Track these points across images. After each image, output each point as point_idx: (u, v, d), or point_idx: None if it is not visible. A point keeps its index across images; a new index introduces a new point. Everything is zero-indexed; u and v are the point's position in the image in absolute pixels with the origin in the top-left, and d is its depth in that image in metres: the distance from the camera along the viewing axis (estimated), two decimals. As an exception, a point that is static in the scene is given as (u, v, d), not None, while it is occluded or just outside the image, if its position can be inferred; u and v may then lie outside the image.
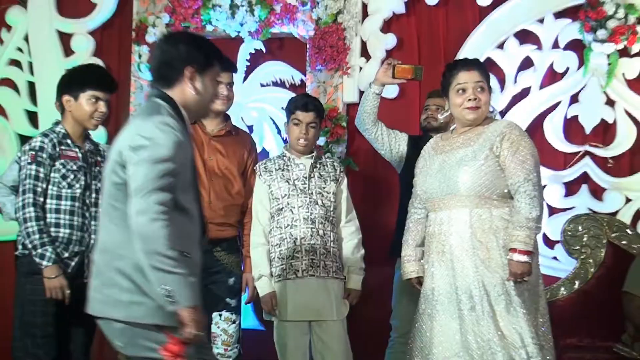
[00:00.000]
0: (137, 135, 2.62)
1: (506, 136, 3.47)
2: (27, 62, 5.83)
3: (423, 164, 3.71)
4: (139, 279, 2.61)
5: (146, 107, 2.81)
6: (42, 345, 3.73)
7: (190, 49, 2.82)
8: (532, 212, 3.38)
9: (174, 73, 2.81)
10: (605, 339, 4.65)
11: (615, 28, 5.07)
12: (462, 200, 3.46)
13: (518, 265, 3.35)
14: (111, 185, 2.70)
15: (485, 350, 3.33)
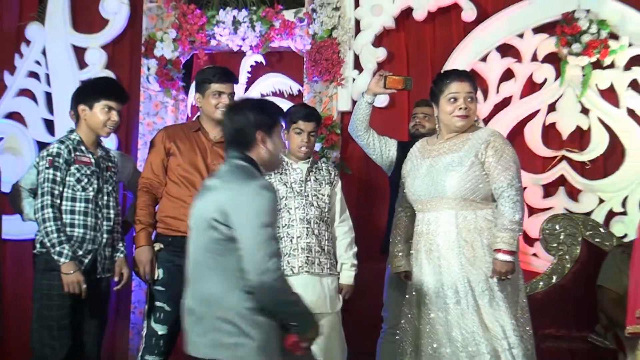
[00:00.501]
0: (241, 200, 2.78)
1: (490, 144, 3.48)
2: (45, 74, 5.83)
3: (410, 166, 3.71)
4: (243, 324, 2.75)
5: (237, 170, 2.91)
6: (57, 337, 3.74)
7: (257, 115, 2.95)
8: (515, 216, 3.40)
9: (248, 138, 2.94)
10: (581, 330, 4.68)
11: (588, 42, 5.08)
12: (449, 203, 3.48)
13: (502, 265, 3.37)
14: (210, 241, 2.81)
15: (469, 342, 3.34)
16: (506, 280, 3.43)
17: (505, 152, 3.49)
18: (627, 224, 5.06)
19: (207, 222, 2.81)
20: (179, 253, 3.92)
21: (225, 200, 2.80)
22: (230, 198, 2.80)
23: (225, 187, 2.85)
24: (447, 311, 3.42)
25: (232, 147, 2.98)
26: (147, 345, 3.99)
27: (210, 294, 2.81)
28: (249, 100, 3.17)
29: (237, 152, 2.95)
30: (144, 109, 5.65)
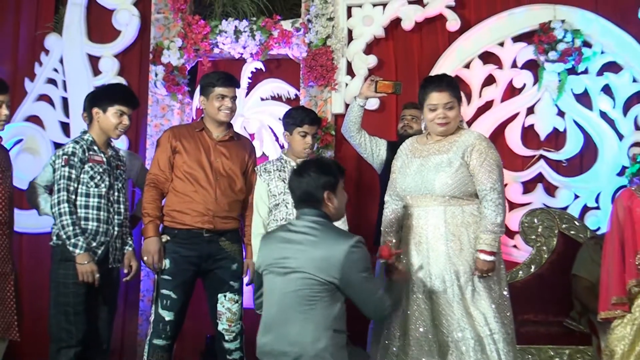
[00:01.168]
0: (351, 257, 2.94)
1: (476, 147, 3.45)
2: (62, 80, 5.82)
3: (401, 163, 3.67)
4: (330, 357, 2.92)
5: (325, 227, 3.05)
6: (74, 322, 3.74)
7: (322, 176, 3.08)
8: (497, 218, 3.39)
9: (317, 198, 3.07)
10: (557, 315, 4.68)
11: (564, 50, 5.08)
12: (438, 199, 3.45)
13: (484, 264, 3.36)
14: (303, 298, 2.94)
15: (455, 328, 3.32)
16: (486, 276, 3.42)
17: (489, 155, 3.46)
18: (600, 217, 5.07)
19: (306, 275, 2.94)
20: (185, 244, 3.98)
21: (333, 256, 2.94)
22: (334, 255, 2.94)
23: (325, 244, 2.97)
24: (434, 299, 3.39)
25: (304, 205, 3.10)
26: (154, 330, 3.97)
27: (302, 336, 2.92)
28: (313, 162, 3.24)
29: (312, 209, 3.08)
30: (151, 112, 5.64)
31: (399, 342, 3.43)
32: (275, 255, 3.06)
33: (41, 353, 5.41)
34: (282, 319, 2.97)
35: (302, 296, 2.93)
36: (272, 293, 3.05)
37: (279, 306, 3.00)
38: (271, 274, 3.06)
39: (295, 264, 2.96)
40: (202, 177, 3.99)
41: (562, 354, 4.46)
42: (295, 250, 3.00)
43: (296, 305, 2.94)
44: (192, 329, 4.85)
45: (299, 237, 3.03)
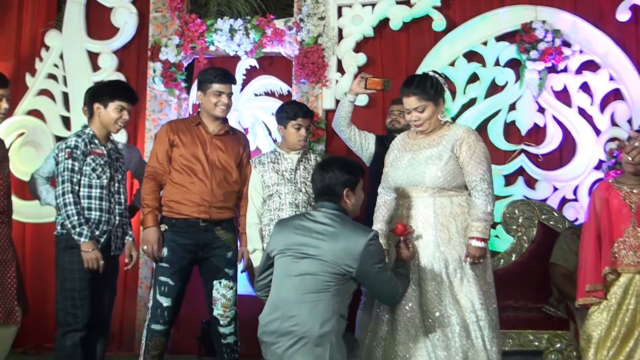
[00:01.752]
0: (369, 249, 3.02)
1: (465, 140, 3.43)
2: (62, 75, 5.80)
3: (393, 157, 3.64)
4: (335, 341, 2.97)
5: (341, 221, 3.10)
6: (80, 306, 3.73)
7: (344, 174, 3.15)
8: (487, 207, 3.39)
9: (337, 193, 3.14)
10: (536, 301, 4.69)
11: (544, 49, 5.10)
12: (427, 191, 3.43)
13: (476, 250, 3.35)
14: (319, 282, 3.00)
15: (442, 314, 3.32)
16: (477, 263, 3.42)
17: (478, 148, 3.43)
18: (578, 209, 5.10)
19: (324, 262, 3.00)
20: (182, 233, 3.97)
21: (353, 248, 3.00)
22: (353, 247, 3.01)
23: (344, 236, 3.03)
24: (422, 286, 3.39)
25: (324, 199, 3.16)
26: (153, 315, 3.96)
27: (311, 318, 2.96)
28: (337, 160, 3.28)
29: (331, 203, 3.14)
30: (149, 107, 5.64)
31: (386, 326, 3.43)
32: (290, 241, 3.10)
33: (45, 338, 5.44)
34: (294, 299, 3.00)
35: (319, 281, 2.99)
36: (284, 276, 3.08)
37: (292, 288, 3.03)
38: (285, 258, 3.09)
39: (315, 251, 3.02)
40: (198, 169, 3.99)
41: (541, 338, 4.47)
42: (314, 239, 3.05)
43: (311, 288, 2.99)
44: (188, 314, 4.85)
45: (318, 227, 3.08)
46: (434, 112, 3.48)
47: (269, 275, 3.19)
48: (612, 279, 3.76)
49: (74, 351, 3.72)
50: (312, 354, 2.94)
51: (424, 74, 3.56)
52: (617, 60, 5.12)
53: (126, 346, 5.43)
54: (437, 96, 3.48)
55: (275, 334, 3.01)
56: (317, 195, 3.22)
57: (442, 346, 3.29)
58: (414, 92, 3.46)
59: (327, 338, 2.95)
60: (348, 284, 3.06)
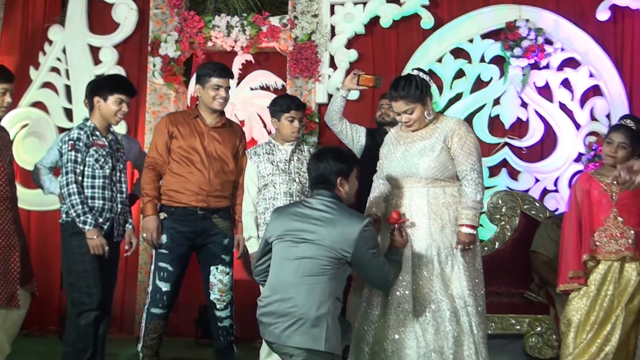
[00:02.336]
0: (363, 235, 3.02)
1: (456, 132, 3.40)
2: (65, 69, 5.76)
3: (387, 150, 3.61)
4: (332, 322, 2.98)
5: (337, 208, 3.09)
6: (93, 285, 3.71)
7: (337, 163, 3.14)
8: (477, 196, 3.37)
9: (330, 182, 3.13)
10: (518, 287, 4.72)
11: (528, 47, 5.11)
12: (421, 181, 3.41)
13: (466, 236, 3.34)
14: (316, 265, 3.00)
15: (433, 299, 3.31)
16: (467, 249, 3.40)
17: (469, 139, 3.41)
18: (558, 199, 5.12)
19: (321, 247, 3.00)
20: (181, 221, 3.96)
21: (348, 233, 3.00)
22: (349, 233, 3.01)
23: (340, 222, 3.03)
24: (415, 272, 3.37)
25: (319, 187, 3.16)
26: (152, 299, 3.95)
27: (308, 300, 2.96)
28: (331, 150, 3.27)
29: (327, 191, 3.14)
30: (149, 100, 5.61)
31: (377, 310, 3.42)
32: (288, 227, 3.10)
33: (49, 321, 5.43)
34: (292, 282, 3.01)
35: (316, 264, 3.00)
36: (283, 260, 3.08)
37: (290, 271, 3.03)
38: (284, 243, 3.10)
39: (312, 236, 3.03)
40: (196, 160, 3.96)
41: (522, 322, 4.49)
42: (311, 225, 3.05)
43: (308, 271, 3.00)
44: (186, 299, 4.82)
45: (316, 213, 3.08)
46: (423, 111, 3.45)
47: (267, 261, 3.18)
48: (591, 266, 3.77)
49: (87, 330, 3.72)
50: (309, 334, 2.95)
51: (409, 75, 3.50)
52: (597, 58, 5.13)
53: (127, 329, 5.43)
54: (423, 96, 3.43)
55: (274, 315, 3.01)
56: (312, 184, 3.22)
57: (431, 330, 3.29)
58: (401, 96, 3.42)
59: (324, 319, 2.95)
60: (343, 268, 3.06)
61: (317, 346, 2.94)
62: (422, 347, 3.28)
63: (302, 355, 2.97)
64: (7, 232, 3.68)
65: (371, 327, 3.41)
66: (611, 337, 3.69)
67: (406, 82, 3.43)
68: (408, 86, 3.41)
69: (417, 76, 3.45)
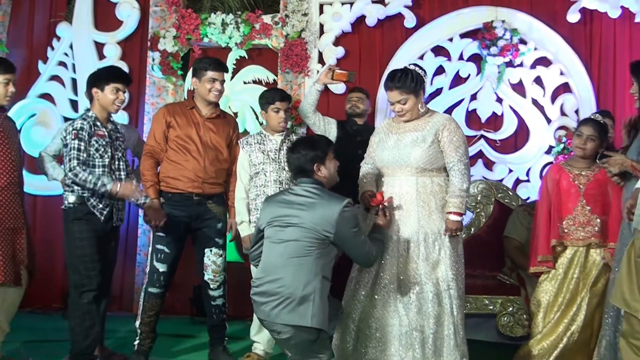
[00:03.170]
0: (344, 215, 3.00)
1: (446, 127, 3.36)
2: (71, 63, 5.67)
3: (379, 139, 3.55)
4: (319, 300, 2.96)
5: (321, 192, 3.09)
6: (92, 269, 3.66)
7: (309, 152, 3.12)
8: (463, 185, 3.33)
9: (308, 170, 3.13)
10: (491, 270, 4.69)
11: (503, 46, 5.09)
12: (411, 171, 3.37)
13: (454, 223, 3.30)
14: (301, 247, 2.99)
15: (417, 281, 3.29)
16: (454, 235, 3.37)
17: (457, 134, 3.38)
18: (530, 188, 5.09)
19: (301, 233, 2.99)
20: (177, 206, 3.90)
21: (329, 215, 2.99)
22: (330, 214, 2.99)
23: (321, 205, 3.02)
24: (403, 255, 3.35)
25: (300, 175, 3.16)
26: (150, 280, 3.90)
27: (295, 280, 2.96)
28: (302, 141, 3.28)
29: (307, 178, 3.13)
30: (149, 92, 5.55)
31: (364, 290, 3.38)
32: (275, 213, 3.10)
33: (51, 299, 5.36)
34: (280, 264, 3.01)
35: (301, 246, 2.99)
36: (271, 244, 3.09)
37: (278, 254, 3.04)
38: (272, 228, 3.10)
39: (296, 220, 3.02)
40: (192, 148, 3.90)
41: (495, 303, 4.46)
42: (295, 210, 3.05)
43: (294, 253, 2.99)
44: (182, 279, 4.79)
45: (299, 199, 3.08)
46: (416, 103, 3.40)
47: (261, 247, 3.19)
48: (559, 251, 3.76)
49: (90, 307, 3.68)
50: (296, 311, 2.94)
51: (405, 68, 3.46)
52: (567, 57, 5.10)
53: (126, 306, 5.37)
54: (417, 89, 3.39)
55: (265, 295, 3.00)
56: (293, 174, 3.24)
57: (414, 310, 3.28)
58: (396, 87, 3.37)
59: (310, 297, 2.94)
60: (328, 249, 3.04)
61: (303, 322, 2.93)
62: (405, 325, 3.27)
63: (289, 332, 2.97)
64: (15, 215, 3.63)
65: (358, 305, 3.39)
66: (577, 317, 3.68)
67: (402, 74, 3.39)
68: (404, 78, 3.37)
69: (413, 70, 3.42)
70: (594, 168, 3.72)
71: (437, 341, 3.26)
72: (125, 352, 4.00)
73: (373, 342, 3.32)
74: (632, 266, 2.79)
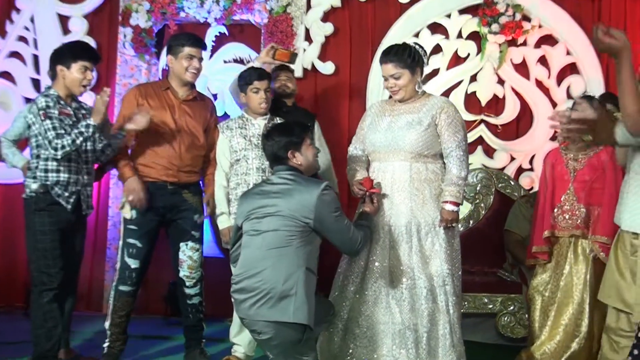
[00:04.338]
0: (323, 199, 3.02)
1: (444, 110, 3.38)
2: (33, 38, 5.60)
3: (370, 121, 3.55)
4: (303, 293, 2.95)
5: (294, 178, 3.12)
6: (53, 265, 3.63)
7: (283, 138, 3.17)
8: (461, 172, 3.35)
9: (282, 157, 3.17)
10: (491, 266, 4.72)
11: (505, 23, 5.07)
12: (405, 155, 3.37)
13: (449, 214, 3.31)
14: (281, 237, 3.00)
15: (410, 276, 3.30)
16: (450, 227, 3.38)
17: (456, 118, 3.40)
18: (534, 178, 5.09)
19: (281, 222, 3.01)
20: (150, 196, 3.84)
21: (307, 199, 3.02)
22: (308, 199, 3.02)
23: (298, 191, 3.06)
24: (395, 248, 3.35)
25: (276, 163, 3.20)
26: (120, 276, 3.88)
27: (275, 274, 2.96)
28: (277, 127, 3.33)
29: (283, 165, 3.17)
30: (120, 72, 5.49)
31: (353, 286, 3.39)
32: (253, 206, 3.12)
33: (15, 298, 5.32)
34: (259, 257, 3.02)
35: (280, 236, 3.00)
36: (249, 237, 3.10)
37: (256, 246, 3.05)
38: (250, 221, 3.11)
39: (273, 209, 3.05)
40: (167, 133, 3.86)
41: (495, 301, 4.48)
42: (272, 199, 3.08)
43: (273, 244, 3.00)
44: (156, 275, 4.77)
45: (274, 187, 3.12)
46: (410, 80, 3.41)
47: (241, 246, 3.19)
48: (553, 241, 3.81)
49: (51, 307, 3.65)
50: (277, 307, 2.94)
51: (404, 43, 3.51)
52: (574, 35, 5.08)
53: (94, 305, 5.33)
54: (414, 65, 3.41)
55: (244, 291, 3.01)
56: (270, 162, 3.29)
57: (407, 307, 3.28)
58: (391, 60, 3.40)
59: (292, 291, 2.94)
60: (309, 237, 3.05)
61: (285, 318, 2.93)
62: (397, 323, 3.28)
63: (271, 331, 2.96)
64: None
65: (346, 302, 3.39)
66: (581, 322, 3.70)
67: (400, 47, 3.44)
68: (401, 51, 3.41)
69: (412, 46, 3.46)
70: (590, 152, 3.77)
71: (432, 341, 3.27)
72: (93, 355, 3.98)
73: (363, 341, 3.33)
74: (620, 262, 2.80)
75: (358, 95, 5.28)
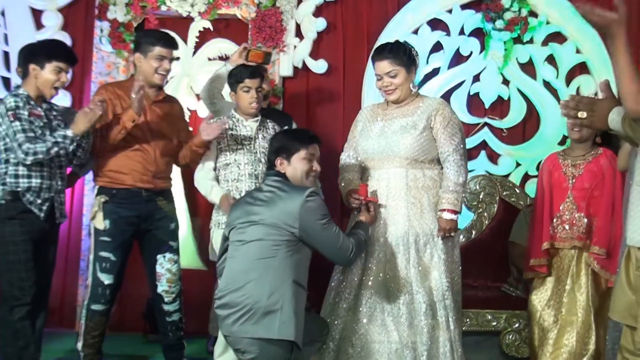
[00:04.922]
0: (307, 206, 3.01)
1: (439, 112, 3.38)
2: (3, 33, 5.47)
3: (362, 127, 3.54)
4: (289, 308, 2.93)
5: (279, 185, 3.12)
6: (26, 278, 3.57)
7: (277, 142, 3.23)
8: (459, 178, 3.34)
9: (271, 160, 3.22)
10: (495, 280, 4.66)
11: (510, 19, 5.04)
12: (401, 162, 3.35)
13: (447, 222, 3.30)
14: (265, 247, 2.99)
15: (408, 290, 3.26)
16: (448, 237, 3.35)
17: (452, 120, 3.40)
18: (540, 185, 5.02)
19: (265, 230, 3.00)
20: (124, 205, 3.80)
21: (290, 207, 3.01)
22: (291, 206, 3.01)
23: (282, 198, 3.06)
24: (391, 261, 3.31)
25: (268, 167, 3.28)
26: (93, 295, 3.81)
27: (259, 287, 2.94)
28: (285, 130, 3.42)
29: (273, 170, 3.20)
30: (96, 69, 5.37)
31: (346, 303, 3.34)
32: (239, 214, 3.13)
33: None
34: (243, 269, 3.00)
35: (265, 245, 2.99)
36: (235, 247, 3.10)
37: (240, 257, 3.04)
38: (235, 231, 3.12)
39: (257, 217, 3.04)
40: (139, 137, 3.81)
41: (499, 318, 4.41)
42: (257, 206, 3.08)
43: (258, 254, 2.99)
44: (132, 289, 4.70)
45: (262, 195, 3.13)
46: (406, 79, 3.42)
47: None
48: (553, 254, 3.74)
49: (23, 324, 3.60)
50: (261, 323, 2.91)
51: (397, 40, 3.54)
52: (584, 32, 5.02)
53: (67, 322, 5.20)
54: (410, 63, 3.43)
55: (227, 307, 2.99)
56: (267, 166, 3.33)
57: (405, 324, 3.24)
58: (386, 57, 3.40)
59: (277, 306, 2.92)
60: (297, 247, 3.02)
61: (270, 334, 2.90)
62: (395, 342, 3.24)
63: (256, 350, 2.92)
64: None
65: (338, 321, 3.34)
66: (589, 341, 3.61)
67: (394, 45, 3.47)
68: (396, 48, 3.43)
69: (406, 43, 3.52)
70: (588, 156, 3.71)
71: (432, 359, 3.22)
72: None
73: (357, 362, 3.28)
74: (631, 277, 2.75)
75: (353, 95, 5.21)
